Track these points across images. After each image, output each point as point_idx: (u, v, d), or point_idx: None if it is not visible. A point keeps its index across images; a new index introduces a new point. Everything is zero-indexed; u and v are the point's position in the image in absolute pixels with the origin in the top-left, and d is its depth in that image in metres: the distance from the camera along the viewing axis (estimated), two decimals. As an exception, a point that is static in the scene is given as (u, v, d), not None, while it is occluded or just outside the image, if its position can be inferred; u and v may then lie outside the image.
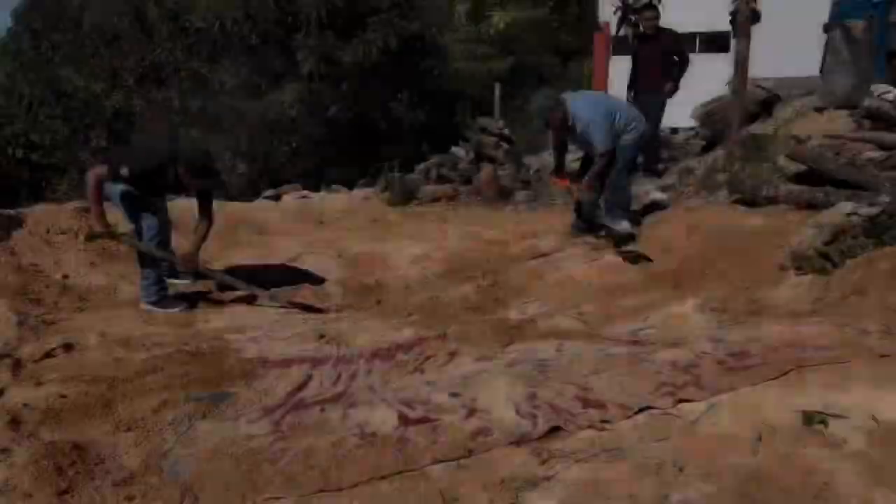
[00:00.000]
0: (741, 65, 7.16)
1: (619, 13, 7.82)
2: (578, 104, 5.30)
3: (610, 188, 5.39)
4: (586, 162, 5.70)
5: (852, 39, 5.62)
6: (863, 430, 2.43)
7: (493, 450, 2.59)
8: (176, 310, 4.59)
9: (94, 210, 4.49)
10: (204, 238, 4.73)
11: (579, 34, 8.51)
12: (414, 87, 17.29)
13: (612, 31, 9.15)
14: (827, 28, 6.06)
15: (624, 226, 5.43)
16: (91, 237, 4.89)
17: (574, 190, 5.63)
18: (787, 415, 2.57)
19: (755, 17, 7.35)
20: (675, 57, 7.79)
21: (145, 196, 4.61)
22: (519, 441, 2.63)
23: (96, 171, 4.35)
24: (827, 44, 6.14)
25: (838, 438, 2.40)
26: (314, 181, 14.44)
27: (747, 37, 7.03)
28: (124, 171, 4.26)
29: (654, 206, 6.25)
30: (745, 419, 2.60)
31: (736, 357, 3.11)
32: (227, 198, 8.15)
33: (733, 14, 9.70)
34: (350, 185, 11.39)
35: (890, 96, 5.04)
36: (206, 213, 4.71)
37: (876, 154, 4.85)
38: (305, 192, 8.64)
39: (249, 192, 16.07)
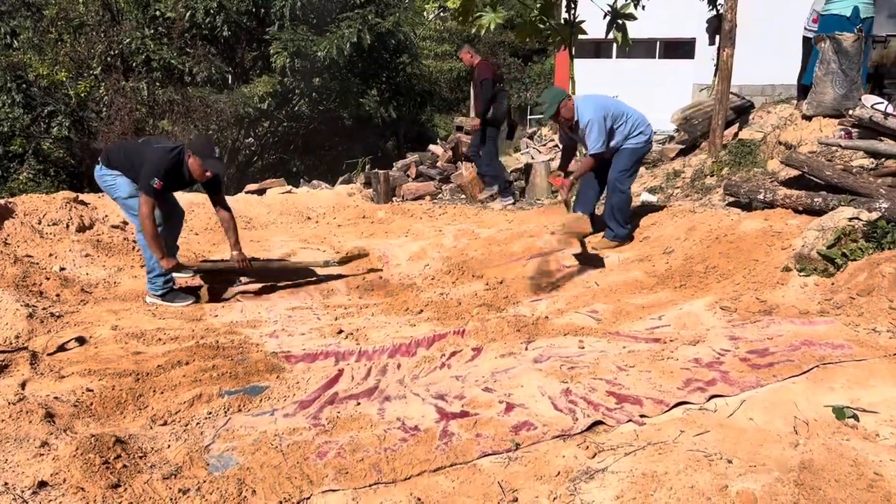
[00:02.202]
0: (724, 72, 7.38)
1: (607, 17, 7.90)
2: (584, 102, 5.36)
3: (611, 191, 5.48)
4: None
5: (842, 51, 5.84)
6: (892, 425, 2.56)
7: (539, 443, 2.65)
8: (185, 303, 4.54)
9: (156, 252, 4.44)
10: (237, 231, 4.82)
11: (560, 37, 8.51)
12: (384, 83, 17.28)
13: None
14: (817, 40, 6.29)
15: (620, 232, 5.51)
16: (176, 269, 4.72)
17: (562, 188, 5.65)
18: (818, 410, 2.70)
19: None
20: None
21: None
22: (563, 435, 2.69)
23: (147, 204, 4.34)
24: (813, 54, 6.37)
25: (871, 432, 2.52)
26: (280, 174, 14.29)
27: (732, 45, 7.24)
28: (156, 182, 4.34)
29: (646, 208, 6.38)
30: (778, 414, 2.71)
31: (758, 354, 3.23)
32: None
33: (710, 22, 9.99)
34: (315, 179, 11.34)
35: (881, 107, 5.27)
36: (223, 204, 4.79)
37: (866, 161, 5.07)
38: (290, 188, 8.56)
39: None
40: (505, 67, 27.41)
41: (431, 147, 12.21)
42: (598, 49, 22.08)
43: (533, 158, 12.05)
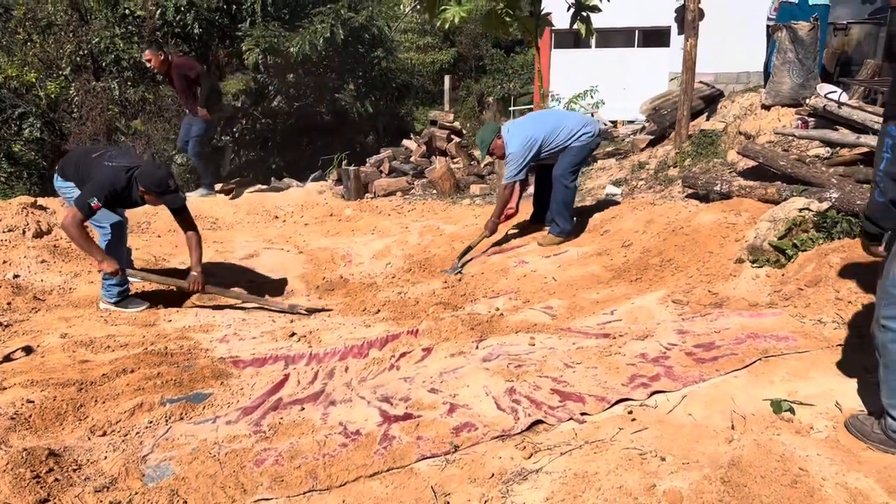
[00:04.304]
0: (689, 62, 7.37)
1: (571, 9, 7.89)
2: (510, 134, 5.45)
3: (556, 187, 5.47)
4: (542, 169, 5.78)
5: (798, 40, 5.85)
6: (827, 417, 2.57)
7: (478, 444, 2.64)
8: (138, 309, 4.49)
9: (94, 255, 4.31)
10: (200, 251, 4.62)
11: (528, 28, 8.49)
12: (360, 78, 17.18)
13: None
14: (773, 29, 6.29)
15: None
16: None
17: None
18: (757, 404, 2.70)
19: (700, 14, 7.55)
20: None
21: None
22: (503, 436, 2.68)
23: (74, 217, 4.18)
24: (774, 43, 6.37)
25: (805, 425, 2.53)
26: (257, 172, 14.20)
27: (695, 35, 7.23)
28: (94, 202, 4.18)
29: (608, 201, 6.38)
30: (717, 409, 2.71)
31: (703, 348, 3.23)
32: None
33: (679, 11, 9.98)
34: (295, 176, 11.27)
35: (834, 96, 5.29)
36: (187, 224, 4.60)
37: (822, 150, 5.09)
38: (259, 186, 8.50)
39: (192, 183, 15.75)
40: (487, 58, 27.37)
41: (405, 142, 12.14)
42: (577, 39, 22.06)
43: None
